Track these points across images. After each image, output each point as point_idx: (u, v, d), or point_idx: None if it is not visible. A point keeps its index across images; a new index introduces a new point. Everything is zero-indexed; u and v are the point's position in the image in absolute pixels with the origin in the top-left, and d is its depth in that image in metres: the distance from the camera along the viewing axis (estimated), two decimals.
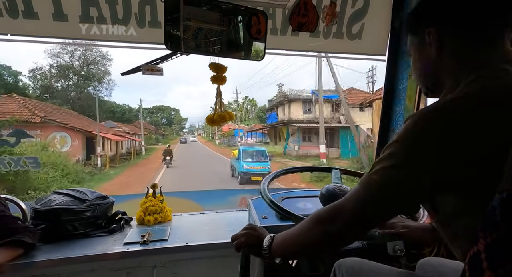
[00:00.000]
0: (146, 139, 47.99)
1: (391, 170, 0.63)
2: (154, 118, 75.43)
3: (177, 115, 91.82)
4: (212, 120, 1.42)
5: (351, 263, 0.96)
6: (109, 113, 47.58)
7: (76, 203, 1.41)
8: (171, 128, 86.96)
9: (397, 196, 0.64)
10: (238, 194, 2.90)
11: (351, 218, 0.68)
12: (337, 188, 1.16)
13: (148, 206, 1.57)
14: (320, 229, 0.72)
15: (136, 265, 1.26)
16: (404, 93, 1.69)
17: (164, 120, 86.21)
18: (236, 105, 67.74)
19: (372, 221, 0.69)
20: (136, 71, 1.61)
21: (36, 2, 1.40)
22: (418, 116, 0.62)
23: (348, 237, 0.72)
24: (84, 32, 1.51)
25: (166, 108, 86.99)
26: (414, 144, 0.61)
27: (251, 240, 0.91)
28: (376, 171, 0.66)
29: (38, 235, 1.26)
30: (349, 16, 1.73)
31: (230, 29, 1.28)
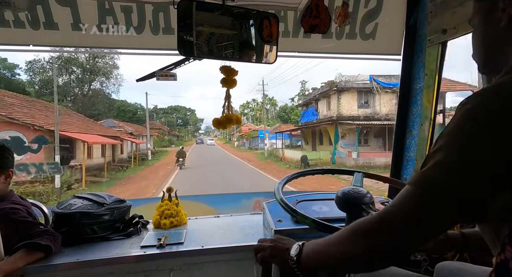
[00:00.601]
0: (158, 141, 46.35)
1: (449, 165, 0.53)
2: (169, 119, 74.02)
3: (192, 116, 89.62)
4: (219, 122, 1.42)
5: None
6: (120, 112, 46.85)
7: (95, 207, 1.44)
8: (186, 129, 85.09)
9: (460, 195, 0.52)
10: (252, 197, 2.90)
11: (403, 228, 0.56)
12: (353, 190, 1.14)
13: (164, 210, 1.59)
14: (363, 241, 0.61)
15: (154, 269, 1.27)
16: (421, 93, 1.65)
17: (179, 121, 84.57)
18: (256, 104, 63.79)
19: (429, 231, 0.57)
20: (151, 77, 1.64)
21: (56, 13, 1.46)
22: (476, 101, 0.53)
23: (398, 252, 0.59)
24: (101, 40, 1.55)
25: (181, 109, 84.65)
26: (475, 134, 0.52)
27: (276, 250, 0.81)
28: (430, 167, 0.55)
29: (60, 239, 1.28)
30: (362, 16, 1.70)
31: (242, 33, 1.29)
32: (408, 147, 1.78)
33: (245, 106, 67.24)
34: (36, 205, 1.59)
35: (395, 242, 0.58)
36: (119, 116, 45.15)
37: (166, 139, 52.30)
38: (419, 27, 1.65)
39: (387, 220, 0.59)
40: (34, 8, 1.43)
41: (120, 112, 47.83)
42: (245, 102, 67.56)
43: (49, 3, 1.44)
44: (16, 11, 1.40)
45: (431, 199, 0.54)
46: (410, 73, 1.73)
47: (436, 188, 0.54)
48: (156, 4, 1.53)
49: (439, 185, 0.54)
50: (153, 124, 51.69)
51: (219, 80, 1.42)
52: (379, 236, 0.59)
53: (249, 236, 1.42)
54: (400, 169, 1.83)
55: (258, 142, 41.54)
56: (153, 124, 52.43)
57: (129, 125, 35.33)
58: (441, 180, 0.54)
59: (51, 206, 1.52)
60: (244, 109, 66.20)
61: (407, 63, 1.73)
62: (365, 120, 18.94)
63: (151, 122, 54.68)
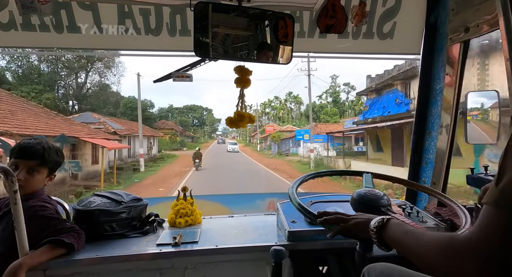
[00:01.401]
0: (169, 143, 40.98)
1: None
2: (183, 118, 67.75)
3: (209, 116, 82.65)
4: (231, 120, 1.43)
5: (381, 268, 0.92)
6: (127, 109, 41.72)
7: (113, 205, 1.48)
8: (203, 129, 79.29)
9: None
10: (266, 197, 2.90)
11: (495, 257, 0.52)
12: (369, 192, 1.12)
13: (179, 209, 1.61)
14: (452, 257, 0.58)
15: (169, 266, 1.30)
16: (441, 93, 1.60)
17: (196, 121, 78.19)
18: (278, 103, 59.00)
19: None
20: (167, 78, 1.68)
21: (78, 17, 1.52)
22: None
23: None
24: (120, 42, 1.60)
25: (197, 108, 78.72)
26: None
27: (358, 224, 0.89)
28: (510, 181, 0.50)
29: (84, 236, 1.32)
30: (379, 15, 1.67)
31: (257, 34, 1.30)
32: (427, 149, 1.73)
33: (266, 105, 62.10)
34: (58, 202, 1.66)
35: (492, 270, 0.53)
36: (126, 114, 40.54)
37: (178, 141, 45.91)
38: (439, 26, 1.61)
39: (477, 247, 0.54)
40: (58, 13, 1.49)
41: (127, 110, 42.51)
42: (267, 101, 62.40)
43: (72, 7, 1.50)
44: (42, 15, 1.47)
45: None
46: (430, 73, 1.68)
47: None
48: (173, 6, 1.56)
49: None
50: (165, 124, 48.13)
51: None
52: (470, 265, 0.55)
53: (262, 237, 1.42)
54: (419, 171, 1.78)
55: (290, 145, 33.82)
56: (165, 123, 49.05)
57: (116, 121, 25.17)
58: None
59: (72, 204, 1.57)
60: (265, 107, 61.18)
61: (426, 63, 1.68)
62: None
63: (163, 121, 50.79)
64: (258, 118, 65.85)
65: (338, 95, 56.02)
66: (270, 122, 56.97)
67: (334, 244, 1.28)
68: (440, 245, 0.62)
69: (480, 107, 1.60)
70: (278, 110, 59.23)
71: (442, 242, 0.62)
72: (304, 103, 58.31)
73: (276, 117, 58.81)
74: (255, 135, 56.94)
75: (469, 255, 0.55)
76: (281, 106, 59.37)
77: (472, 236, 0.56)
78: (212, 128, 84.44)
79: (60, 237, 1.22)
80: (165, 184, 12.72)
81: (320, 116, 48.31)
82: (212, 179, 14.25)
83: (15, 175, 1.12)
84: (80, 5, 1.50)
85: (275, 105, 61.22)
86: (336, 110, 50.08)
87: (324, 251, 1.30)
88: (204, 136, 77.46)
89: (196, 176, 15.65)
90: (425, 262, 0.66)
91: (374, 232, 0.82)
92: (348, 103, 53.54)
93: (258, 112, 62.55)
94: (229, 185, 12.49)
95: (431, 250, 0.64)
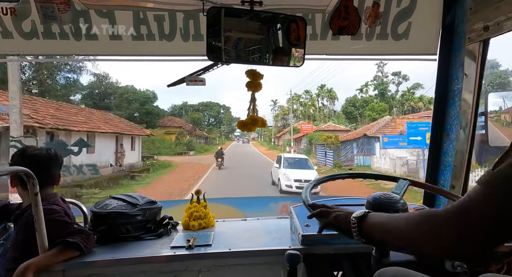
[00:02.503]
0: (173, 145, 31.27)
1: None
2: (195, 115, 56.47)
3: (227, 114, 72.72)
4: (244, 124, 1.44)
5: (393, 272, 0.89)
6: (122, 101, 35.89)
7: (129, 207, 1.51)
8: (219, 129, 69.53)
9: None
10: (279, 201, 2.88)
11: (475, 230, 0.55)
12: (384, 196, 1.09)
13: (193, 212, 1.62)
14: (430, 230, 0.62)
15: (183, 269, 1.30)
16: (459, 94, 1.55)
17: (212, 120, 69.81)
18: (309, 98, 49.02)
19: (502, 234, 0.55)
20: (181, 82, 1.70)
21: (95, 25, 1.57)
22: None
23: (465, 253, 0.59)
24: (136, 48, 1.64)
25: (213, 105, 69.45)
26: None
27: (339, 216, 0.91)
28: (506, 165, 0.54)
29: (93, 238, 1.34)
30: (394, 15, 1.64)
31: (269, 37, 1.30)
32: (446, 151, 1.67)
33: (294, 100, 49.79)
34: (76, 205, 1.70)
35: (463, 243, 0.57)
36: (121, 107, 35.00)
37: (185, 142, 34.45)
38: (457, 25, 1.56)
39: (457, 219, 0.57)
40: (77, 21, 1.54)
41: (123, 101, 36.46)
42: (294, 95, 50.19)
43: (90, 15, 1.55)
44: (61, 23, 1.53)
45: (506, 199, 0.52)
46: (447, 73, 1.64)
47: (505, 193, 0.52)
48: (186, 12, 1.59)
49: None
50: (172, 121, 40.13)
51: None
52: (448, 235, 0.58)
53: (276, 241, 1.41)
54: (437, 174, 1.73)
55: (353, 151, 21.35)
56: (172, 120, 40.65)
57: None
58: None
59: (89, 206, 1.61)
60: (292, 103, 49.42)
61: (444, 63, 1.64)
62: None
63: (169, 118, 41.99)
64: (283, 116, 56.37)
65: (386, 87, 45.20)
66: (298, 120, 46.44)
67: (349, 248, 1.26)
68: (419, 219, 0.66)
69: (498, 109, 1.54)
70: (308, 107, 48.94)
71: (420, 216, 0.66)
72: (339, 99, 49.19)
73: (306, 115, 48.46)
74: (281, 136, 46.69)
75: (448, 224, 0.58)
76: (312, 102, 49.21)
77: (452, 209, 0.60)
78: (229, 128, 72.87)
79: (66, 239, 1.24)
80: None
81: (364, 112, 39.45)
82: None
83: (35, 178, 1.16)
84: (98, 13, 1.55)
85: (304, 101, 50.81)
86: (385, 105, 40.13)
87: (339, 256, 1.28)
88: (221, 137, 65.55)
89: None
90: (405, 239, 0.68)
91: (354, 224, 0.83)
92: (400, 98, 43.24)
93: (284, 109, 55.62)
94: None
95: (410, 226, 0.67)
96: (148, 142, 27.40)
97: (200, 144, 42.48)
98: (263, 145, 54.83)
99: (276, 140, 51.05)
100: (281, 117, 57.33)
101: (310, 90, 50.17)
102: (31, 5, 1.47)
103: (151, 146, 28.34)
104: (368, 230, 0.80)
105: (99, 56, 1.73)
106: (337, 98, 49.17)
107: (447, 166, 1.66)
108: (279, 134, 49.66)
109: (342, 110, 44.63)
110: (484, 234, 0.55)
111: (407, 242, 0.68)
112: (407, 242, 0.68)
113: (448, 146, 1.66)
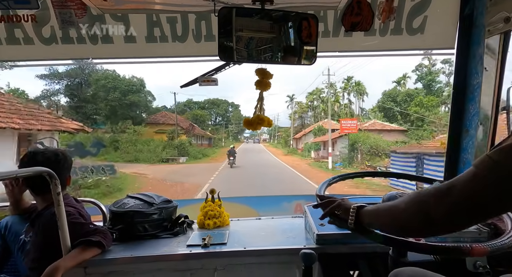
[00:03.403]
0: (159, 148, 23.26)
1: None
2: (197, 112, 46.38)
3: (236, 113, 65.28)
4: (250, 122, 1.44)
5: (409, 272, 0.88)
6: (98, 88, 28.41)
7: (146, 206, 1.55)
8: (227, 129, 62.02)
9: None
10: (293, 200, 2.87)
11: (460, 202, 0.61)
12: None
13: (208, 211, 1.64)
14: (419, 209, 0.67)
15: (199, 267, 1.32)
16: (479, 89, 1.50)
17: (219, 119, 62.58)
18: (333, 92, 39.35)
19: (485, 209, 0.61)
20: (194, 83, 1.72)
21: (111, 28, 1.61)
22: None
23: (451, 224, 0.65)
24: (150, 50, 1.67)
25: (221, 103, 61.78)
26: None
27: (341, 205, 0.95)
28: (497, 151, 0.59)
29: (110, 235, 1.38)
30: (408, 10, 1.61)
31: (281, 36, 1.29)
32: (465, 148, 1.62)
33: (315, 95, 45.01)
34: (95, 204, 1.75)
35: (451, 215, 0.62)
36: (97, 98, 28.51)
37: (175, 145, 25.43)
38: (476, 17, 1.51)
39: (445, 191, 0.63)
40: (94, 25, 1.59)
41: (99, 88, 28.43)
42: (315, 89, 44.88)
43: (106, 19, 1.59)
44: (79, 29, 1.57)
45: (495, 181, 0.58)
46: (465, 67, 1.58)
47: (502, 171, 0.57)
48: (198, 13, 1.60)
49: (506, 168, 0.57)
50: (166, 117, 31.81)
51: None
52: (437, 209, 0.63)
53: (290, 240, 1.41)
54: (456, 172, 1.68)
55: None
56: (167, 116, 32.05)
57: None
58: (508, 164, 0.56)
59: (108, 205, 1.66)
60: (313, 98, 45.21)
61: (462, 57, 1.59)
62: None
63: (163, 113, 33.40)
64: (301, 114, 50.63)
65: (434, 78, 36.61)
66: (316, 120, 40.65)
67: (365, 248, 1.25)
68: (410, 197, 0.71)
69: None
70: (334, 103, 39.61)
71: (411, 195, 0.71)
72: (368, 94, 42.93)
73: (327, 113, 34.60)
74: (301, 137, 38.05)
75: (435, 200, 0.63)
76: (335, 98, 41.40)
77: (441, 187, 0.65)
78: (238, 128, 64.96)
79: (87, 238, 1.28)
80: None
81: (410, 108, 30.64)
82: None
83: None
84: (113, 17, 1.59)
85: (325, 97, 41.85)
86: (436, 99, 31.30)
87: (355, 255, 1.26)
88: (228, 138, 58.51)
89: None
90: (398, 219, 0.72)
91: (353, 212, 0.87)
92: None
93: (302, 106, 50.19)
94: None
95: (403, 204, 0.71)
96: (128, 143, 22.23)
97: (201, 146, 33.41)
98: (278, 148, 45.56)
99: (294, 142, 42.13)
100: (299, 114, 51.46)
101: (335, 83, 40.46)
102: (50, 11, 1.52)
103: (131, 149, 21.85)
104: (365, 218, 0.84)
105: (115, 59, 1.77)
106: (366, 93, 43.07)
107: (466, 163, 1.61)
108: (298, 134, 41.56)
109: (378, 105, 35.91)
110: (467, 209, 0.61)
111: (400, 221, 0.72)
112: (400, 221, 0.73)
113: (468, 143, 1.61)
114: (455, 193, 0.62)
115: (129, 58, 1.76)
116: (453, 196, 0.62)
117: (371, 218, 0.83)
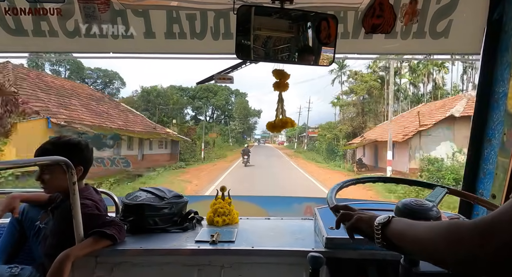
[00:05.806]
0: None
1: None
2: (176, 97, 32.06)
3: (240, 102, 45.89)
4: (273, 125, 1.44)
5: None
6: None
7: (157, 200, 1.57)
8: (228, 127, 43.45)
9: None
10: (303, 202, 2.84)
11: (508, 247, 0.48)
12: (415, 202, 1.03)
13: (217, 208, 1.65)
14: (452, 241, 0.56)
15: (206, 263, 1.33)
16: (505, 97, 1.44)
17: (218, 112, 44.09)
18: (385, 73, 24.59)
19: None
20: (210, 80, 1.73)
21: (132, 24, 1.64)
22: None
23: (479, 269, 0.53)
24: (168, 46, 1.69)
25: (220, 90, 42.22)
26: None
27: (361, 219, 0.89)
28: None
29: (124, 229, 1.40)
30: (433, 13, 1.56)
31: (299, 36, 1.28)
32: (487, 158, 1.56)
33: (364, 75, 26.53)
34: (109, 195, 1.79)
35: (495, 258, 0.50)
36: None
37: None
38: (505, 22, 1.45)
39: (489, 233, 0.51)
40: (115, 20, 1.62)
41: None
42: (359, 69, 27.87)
43: (127, 14, 1.62)
44: (101, 23, 1.61)
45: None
46: (491, 74, 1.52)
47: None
48: (217, 11, 1.61)
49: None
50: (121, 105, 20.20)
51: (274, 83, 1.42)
52: (478, 251, 0.52)
53: (299, 242, 1.39)
54: (475, 182, 1.62)
55: None
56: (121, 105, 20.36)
57: None
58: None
59: (121, 197, 1.69)
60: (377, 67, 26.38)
61: (488, 63, 1.53)
62: None
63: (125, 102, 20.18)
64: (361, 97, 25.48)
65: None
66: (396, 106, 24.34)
67: (375, 255, 1.22)
68: (444, 228, 0.61)
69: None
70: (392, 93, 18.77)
71: (445, 225, 0.61)
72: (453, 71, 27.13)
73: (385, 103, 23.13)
74: (407, 140, 15.08)
75: (472, 238, 0.53)
76: (422, 70, 26.04)
77: (480, 221, 0.54)
78: (244, 125, 45.17)
79: (102, 229, 1.30)
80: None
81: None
82: None
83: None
84: (134, 12, 1.62)
85: (373, 77, 26.79)
86: None
87: (364, 261, 1.24)
88: (227, 141, 39.90)
89: None
90: (428, 249, 0.64)
91: (378, 230, 0.80)
92: None
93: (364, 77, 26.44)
94: None
95: (434, 235, 0.62)
96: None
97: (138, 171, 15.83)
98: (310, 161, 24.66)
99: (346, 156, 22.20)
100: (361, 93, 27.29)
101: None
102: (75, 5, 1.56)
103: None
104: (392, 236, 0.77)
105: (134, 53, 1.81)
106: (447, 69, 25.39)
107: (487, 174, 1.55)
108: (361, 138, 21.46)
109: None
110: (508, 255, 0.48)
111: (430, 251, 0.64)
112: (429, 251, 0.64)
113: (490, 153, 1.54)
114: (500, 231, 0.50)
115: (147, 53, 1.79)
116: (497, 237, 0.50)
117: (399, 241, 0.76)
